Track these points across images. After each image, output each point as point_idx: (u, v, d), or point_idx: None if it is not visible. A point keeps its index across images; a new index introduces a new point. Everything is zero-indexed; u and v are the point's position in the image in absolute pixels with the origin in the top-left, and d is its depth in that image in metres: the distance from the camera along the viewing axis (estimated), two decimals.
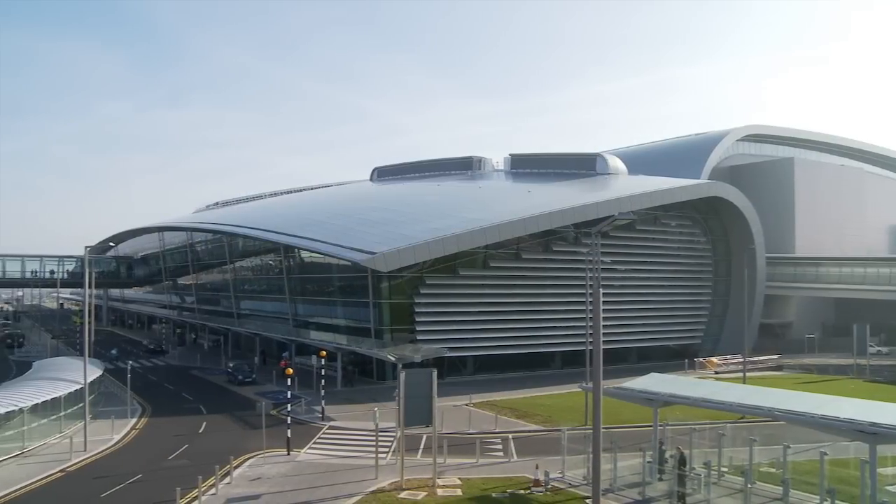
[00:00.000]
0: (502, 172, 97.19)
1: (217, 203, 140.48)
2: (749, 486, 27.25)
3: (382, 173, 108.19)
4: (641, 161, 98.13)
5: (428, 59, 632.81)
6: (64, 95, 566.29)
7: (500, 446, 40.13)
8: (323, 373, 49.40)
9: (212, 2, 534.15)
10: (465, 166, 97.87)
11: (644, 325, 75.11)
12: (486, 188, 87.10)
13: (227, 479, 32.59)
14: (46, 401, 42.42)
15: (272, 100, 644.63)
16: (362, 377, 64.80)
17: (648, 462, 31.26)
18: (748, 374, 56.87)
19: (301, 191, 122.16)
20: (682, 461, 29.27)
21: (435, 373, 32.54)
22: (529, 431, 44.28)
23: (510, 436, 42.48)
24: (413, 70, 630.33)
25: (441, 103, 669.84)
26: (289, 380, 42.06)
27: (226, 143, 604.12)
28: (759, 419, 33.43)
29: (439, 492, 30.67)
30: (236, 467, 34.68)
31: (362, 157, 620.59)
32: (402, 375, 32.32)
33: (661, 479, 30.96)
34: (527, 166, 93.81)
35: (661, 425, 32.64)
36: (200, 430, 45.75)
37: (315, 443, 41.40)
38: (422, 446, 38.86)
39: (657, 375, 37.71)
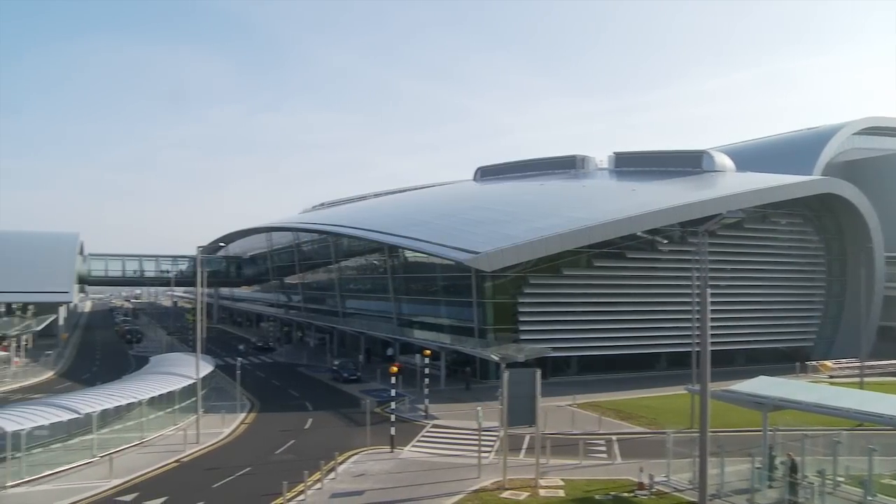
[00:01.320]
0: (606, 171, 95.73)
1: (323, 204, 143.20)
2: (869, 498, 25.90)
3: (486, 173, 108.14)
4: (749, 158, 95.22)
5: (530, 58, 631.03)
6: (178, 102, 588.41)
7: (603, 448, 39.41)
8: (427, 371, 49.65)
9: (316, 8, 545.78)
10: (568, 165, 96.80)
11: (753, 326, 72.55)
12: (589, 187, 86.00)
13: (331, 475, 33.00)
14: (162, 394, 44.24)
15: (375, 101, 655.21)
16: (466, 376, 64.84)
17: (757, 468, 30.01)
18: (866, 379, 54.23)
19: (404, 191, 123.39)
20: (793, 468, 28.04)
21: (539, 373, 32.16)
22: (634, 433, 43.37)
23: (614, 437, 41.70)
24: (515, 69, 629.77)
25: (543, 102, 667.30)
26: (393, 378, 42.35)
27: (330, 144, 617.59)
28: (879, 427, 31.65)
29: (542, 492, 30.31)
30: (341, 463, 35.11)
31: (465, 157, 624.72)
32: (506, 375, 32.06)
33: (770, 487, 29.68)
34: (631, 164, 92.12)
35: (770, 430, 31.46)
36: (306, 426, 46.57)
37: (418, 441, 41.57)
38: (524, 446, 38.58)
39: (766, 378, 36.26)
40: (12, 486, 32.28)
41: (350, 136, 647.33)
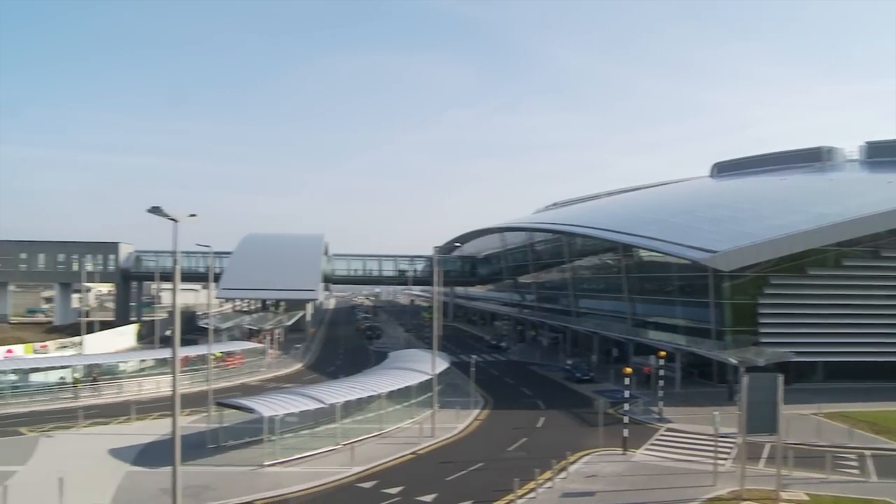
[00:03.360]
0: (856, 163, 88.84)
1: (555, 203, 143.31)
2: None
3: (723, 168, 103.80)
4: None
5: (773, 47, 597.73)
6: (417, 107, 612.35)
7: (855, 463, 36.37)
8: (661, 373, 48.45)
9: (549, 8, 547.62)
10: (813, 158, 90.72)
11: None
12: (837, 180, 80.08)
13: (563, 474, 33.00)
14: (400, 389, 46.13)
15: (608, 99, 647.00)
16: (701, 379, 62.56)
17: None
18: None
19: (638, 189, 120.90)
20: None
21: (781, 378, 30.38)
22: (893, 450, 39.80)
23: (867, 453, 38.31)
24: (757, 60, 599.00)
25: (788, 92, 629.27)
26: (626, 379, 41.64)
27: (563, 144, 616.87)
28: None
29: None
30: (572, 463, 35.02)
31: (700, 153, 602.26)
32: (745, 379, 30.56)
33: None
34: (886, 154, 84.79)
35: None
36: (538, 425, 46.86)
37: (651, 444, 40.63)
38: (764, 455, 36.58)
39: None
40: (269, 466, 35.30)
41: (583, 136, 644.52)
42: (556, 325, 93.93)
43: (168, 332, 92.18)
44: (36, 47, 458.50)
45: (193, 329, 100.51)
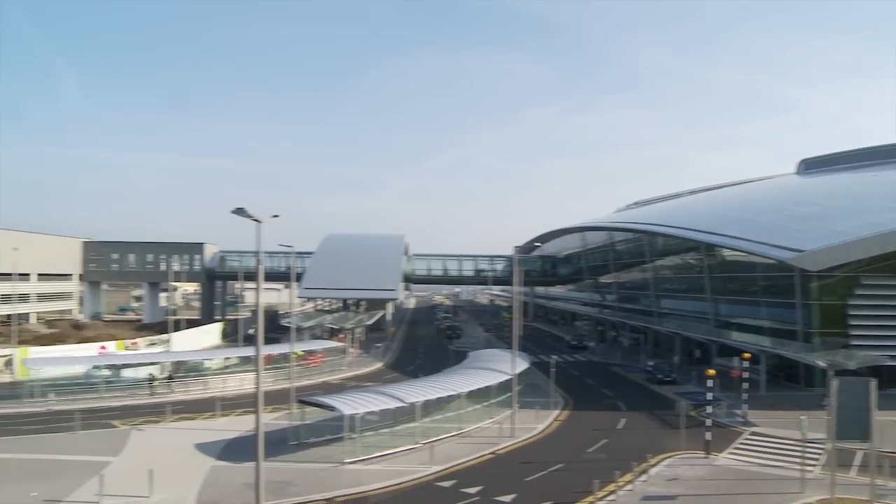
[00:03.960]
0: None
1: (636, 203, 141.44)
2: None
3: (810, 165, 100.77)
4: None
5: (863, 38, 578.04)
6: (494, 107, 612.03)
7: None
8: (745, 375, 47.36)
9: (628, 6, 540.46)
10: None
11: None
12: None
13: (643, 477, 32.58)
14: (480, 388, 46.19)
15: (689, 97, 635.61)
16: (787, 382, 60.88)
17: None
18: None
19: (721, 187, 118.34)
20: None
21: (874, 383, 29.28)
22: None
23: None
24: (846, 53, 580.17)
25: (877, 86, 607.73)
26: (709, 381, 40.83)
27: (642, 142, 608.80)
28: None
29: None
30: (653, 466, 34.58)
31: (785, 150, 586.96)
32: (835, 383, 29.55)
33: None
34: None
35: None
36: (619, 426, 46.34)
37: (735, 448, 39.73)
38: (855, 463, 35.39)
39: None
40: (349, 463, 35.76)
41: (662, 133, 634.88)
42: (637, 325, 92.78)
43: (251, 331, 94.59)
44: (134, 59, 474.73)
45: (276, 328, 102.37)
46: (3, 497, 30.53)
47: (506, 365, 50.14)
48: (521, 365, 53.03)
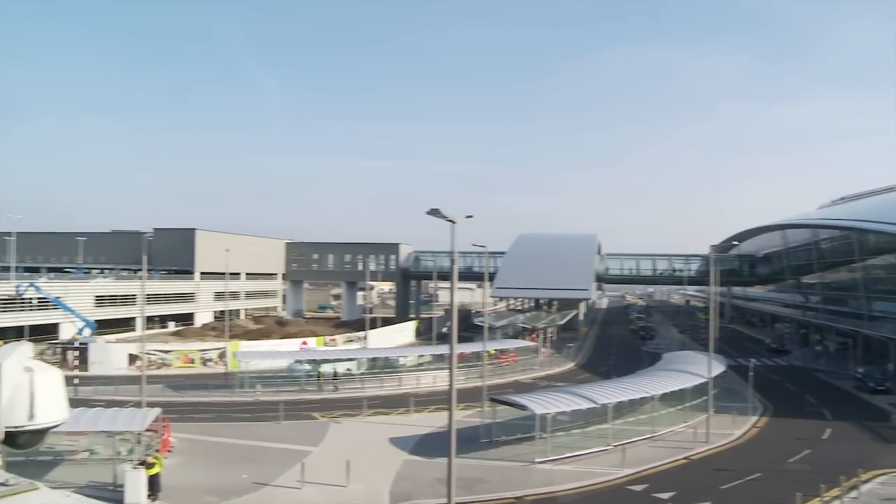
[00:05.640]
0: None
1: (843, 198, 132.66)
2: None
3: None
4: None
5: None
6: (688, 101, 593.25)
7: None
8: None
9: None
10: None
11: None
12: None
13: (853, 493, 30.45)
14: (674, 391, 45.03)
15: None
16: None
17: None
18: None
19: None
20: None
21: None
22: None
23: None
24: None
25: None
26: None
27: (853, 134, 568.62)
28: None
29: None
30: (865, 482, 32.28)
31: None
32: None
33: None
34: None
35: None
36: (824, 436, 43.71)
37: None
38: None
39: None
40: (539, 463, 35.85)
41: (875, 122, 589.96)
42: (844, 328, 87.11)
43: (445, 329, 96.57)
44: (336, 69, 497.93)
45: (469, 327, 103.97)
46: (218, 477, 33.05)
47: (701, 367, 48.54)
48: (718, 368, 51.16)
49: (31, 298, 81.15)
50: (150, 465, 30.73)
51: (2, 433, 2.60)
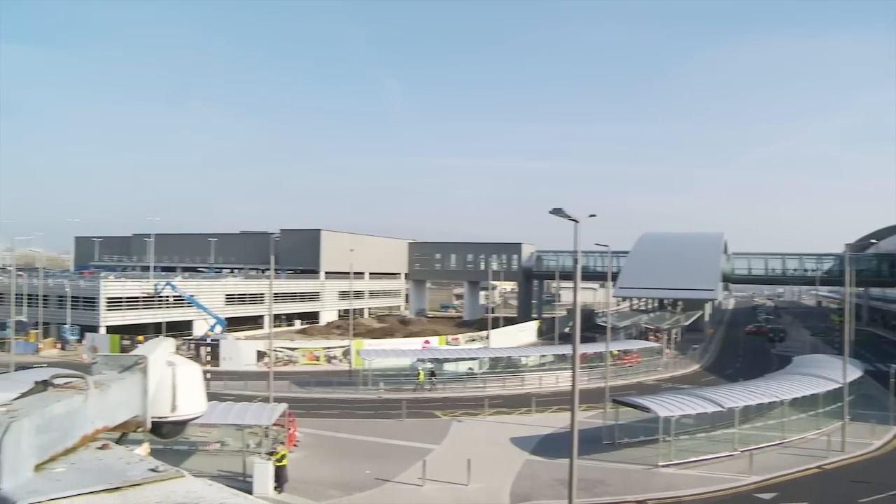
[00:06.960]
0: None
1: None
2: None
3: None
4: None
5: None
6: (820, 94, 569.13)
7: None
8: None
9: None
10: None
11: None
12: None
13: None
14: (805, 396, 43.26)
15: None
16: None
17: None
18: None
19: None
20: None
21: None
22: None
23: None
24: None
25: None
26: None
27: None
28: None
29: None
30: None
31: None
32: None
33: None
34: None
35: None
36: None
37: None
38: None
39: None
40: (663, 466, 35.11)
41: None
42: None
43: (568, 329, 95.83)
44: (460, 76, 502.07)
45: (591, 327, 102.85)
46: (342, 472, 33.87)
47: (835, 372, 46.40)
48: (853, 373, 48.69)
49: (167, 297, 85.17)
50: (279, 459, 31.90)
51: (149, 423, 2.74)
